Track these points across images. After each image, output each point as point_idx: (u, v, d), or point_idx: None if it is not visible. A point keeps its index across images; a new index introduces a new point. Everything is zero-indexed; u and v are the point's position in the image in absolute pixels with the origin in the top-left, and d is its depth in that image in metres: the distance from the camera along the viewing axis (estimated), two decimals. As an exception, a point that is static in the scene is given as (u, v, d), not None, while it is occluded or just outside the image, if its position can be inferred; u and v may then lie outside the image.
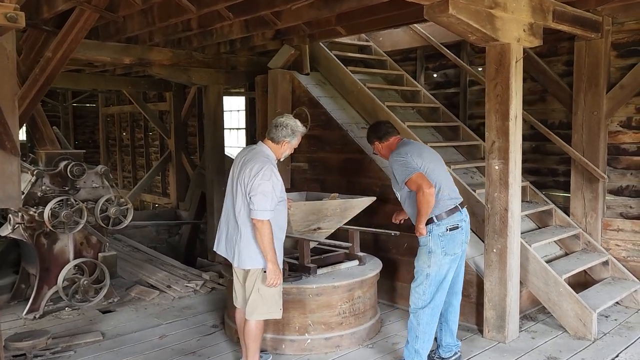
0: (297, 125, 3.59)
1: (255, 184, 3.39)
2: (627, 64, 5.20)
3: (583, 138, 5.35)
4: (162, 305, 5.38)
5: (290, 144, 3.61)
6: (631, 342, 4.29)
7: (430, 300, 3.64)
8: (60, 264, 5.13)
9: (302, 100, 6.02)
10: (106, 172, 5.37)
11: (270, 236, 3.40)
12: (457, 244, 3.69)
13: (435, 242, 3.63)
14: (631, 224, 5.22)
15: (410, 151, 3.73)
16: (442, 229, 3.63)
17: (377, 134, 3.95)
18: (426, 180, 3.54)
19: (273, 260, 3.41)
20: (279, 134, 3.55)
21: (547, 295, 4.55)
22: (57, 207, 4.85)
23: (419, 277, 3.70)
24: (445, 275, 3.68)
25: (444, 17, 3.64)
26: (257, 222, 3.39)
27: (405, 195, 3.77)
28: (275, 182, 3.43)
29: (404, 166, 3.65)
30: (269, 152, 3.57)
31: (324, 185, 5.79)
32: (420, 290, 3.68)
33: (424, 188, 3.51)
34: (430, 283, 3.64)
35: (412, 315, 3.71)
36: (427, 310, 3.65)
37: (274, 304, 3.59)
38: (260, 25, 5.39)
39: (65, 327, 4.75)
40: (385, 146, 3.92)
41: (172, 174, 10.64)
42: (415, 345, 3.66)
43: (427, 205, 3.53)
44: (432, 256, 3.64)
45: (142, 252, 7.19)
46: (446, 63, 6.59)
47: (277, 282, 3.46)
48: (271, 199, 3.39)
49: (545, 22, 4.36)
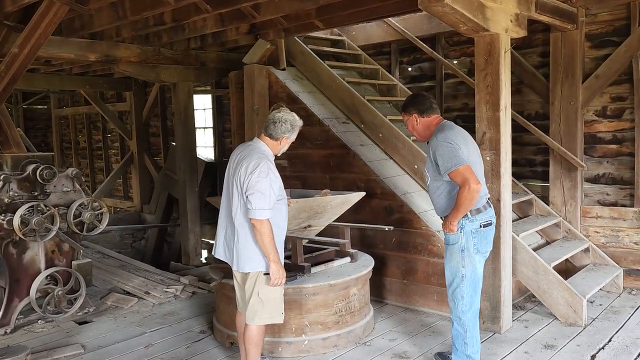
0: (295, 120, 3.43)
1: (252, 182, 3.22)
2: (600, 55, 5.32)
3: (561, 128, 5.45)
4: (143, 312, 5.13)
5: (289, 139, 3.45)
6: (620, 326, 4.38)
7: (471, 304, 3.45)
8: (31, 274, 4.81)
9: (280, 96, 5.88)
10: (78, 174, 5.06)
11: (271, 236, 3.25)
12: (489, 241, 3.50)
13: (467, 239, 3.39)
14: (609, 210, 5.35)
15: (457, 137, 3.37)
16: (475, 225, 3.39)
17: (420, 106, 3.52)
18: (474, 176, 3.24)
19: (276, 260, 3.27)
20: (277, 130, 3.37)
21: (537, 284, 4.60)
22: (27, 214, 4.54)
23: (455, 280, 3.47)
24: (480, 276, 3.50)
25: (439, 6, 3.59)
26: (255, 222, 3.23)
27: (440, 184, 3.43)
28: (273, 179, 3.27)
29: (452, 153, 3.27)
30: (266, 149, 3.41)
31: (305, 182, 5.67)
32: (459, 294, 3.45)
33: (472, 184, 3.20)
34: (467, 284, 3.42)
35: (456, 322, 3.49)
36: (469, 315, 3.46)
37: (275, 307, 3.44)
38: (237, 19, 5.22)
39: (42, 341, 4.45)
40: (425, 122, 3.52)
41: (134, 177, 10.29)
42: (466, 352, 3.48)
43: (469, 203, 3.26)
44: (465, 255, 3.40)
45: (113, 258, 6.88)
46: (420, 57, 6.59)
47: (282, 282, 3.32)
48: (269, 197, 3.23)
49: (529, 12, 4.39)
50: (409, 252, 4.93)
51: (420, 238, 4.84)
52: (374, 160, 5.25)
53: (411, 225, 4.89)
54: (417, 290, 4.91)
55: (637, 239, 5.21)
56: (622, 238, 5.29)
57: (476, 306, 3.51)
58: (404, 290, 5.01)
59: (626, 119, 5.26)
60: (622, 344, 4.05)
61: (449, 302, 3.56)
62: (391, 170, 5.25)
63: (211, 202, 4.93)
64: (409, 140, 5.24)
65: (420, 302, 4.90)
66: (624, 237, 5.28)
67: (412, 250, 4.91)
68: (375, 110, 5.48)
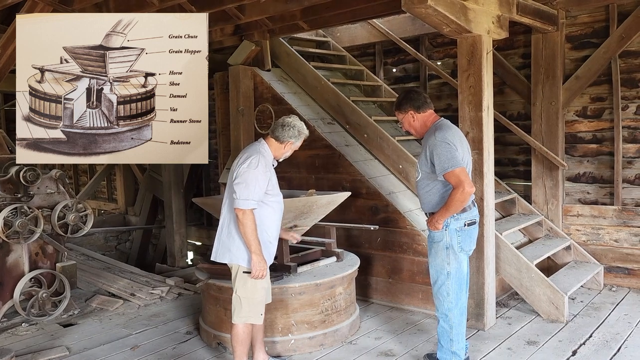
0: (303, 128, 3.50)
1: (239, 172, 3.30)
2: (580, 56, 5.43)
3: (542, 128, 5.53)
4: (128, 314, 5.11)
5: (294, 145, 3.52)
6: (601, 322, 4.46)
7: (457, 301, 3.48)
8: (14, 277, 4.77)
9: (265, 97, 5.90)
10: (62, 176, 5.03)
11: (253, 227, 3.27)
12: (472, 239, 3.53)
13: (452, 237, 3.41)
14: (589, 209, 5.44)
15: (455, 138, 3.37)
16: (460, 224, 3.41)
17: (415, 102, 3.49)
18: (469, 179, 3.28)
19: (257, 252, 3.30)
20: (285, 134, 3.44)
21: (520, 282, 4.67)
22: (10, 216, 4.51)
23: (440, 278, 3.48)
24: (465, 273, 3.53)
25: (422, 8, 3.64)
26: (238, 212, 3.26)
27: (433, 182, 3.44)
28: (261, 172, 3.31)
29: (450, 154, 3.27)
30: (266, 148, 3.46)
31: (291, 183, 5.70)
32: (444, 291, 3.47)
33: (466, 187, 3.23)
34: (452, 282, 3.44)
35: (442, 320, 3.51)
36: (455, 311, 3.48)
37: (253, 308, 3.45)
38: (222, 20, 5.24)
39: (26, 344, 4.42)
40: (422, 118, 3.50)
41: (119, 178, 10.19)
42: (452, 348, 3.50)
43: (460, 205, 3.29)
44: (450, 252, 3.43)
45: (98, 260, 6.83)
46: (404, 58, 6.65)
47: (263, 274, 3.34)
48: (254, 188, 3.27)
49: (510, 14, 4.47)
50: (395, 251, 4.97)
51: (406, 237, 4.89)
52: (359, 161, 5.29)
53: (396, 225, 4.94)
54: (403, 289, 4.96)
55: (617, 237, 5.31)
56: (603, 236, 5.39)
57: (463, 303, 3.54)
58: (389, 289, 5.06)
59: (606, 119, 5.37)
60: (603, 339, 4.13)
61: (434, 299, 3.60)
62: (376, 170, 5.30)
63: (197, 203, 4.93)
64: (393, 141, 5.29)
65: (406, 301, 4.95)
66: (604, 235, 5.38)
67: (398, 249, 4.95)
68: (360, 111, 5.53)
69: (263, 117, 5.93)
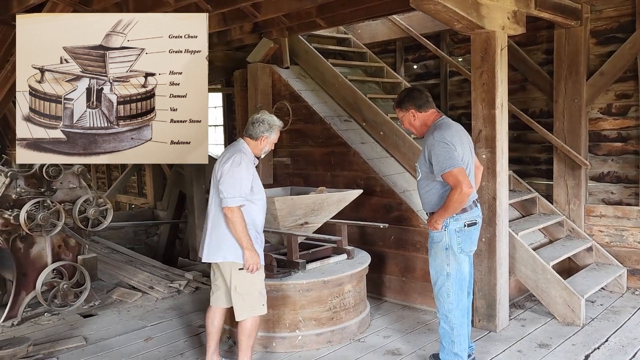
0: (273, 120, 3.53)
1: (223, 171, 3.36)
2: (605, 51, 5.26)
3: (564, 126, 5.39)
4: (146, 307, 5.24)
5: (270, 139, 3.55)
6: (619, 326, 4.33)
7: (458, 302, 3.43)
8: (38, 268, 4.95)
9: (283, 94, 5.94)
10: (83, 172, 5.19)
11: (243, 223, 3.33)
12: (473, 241, 3.46)
13: (451, 237, 3.36)
14: (613, 209, 5.28)
15: (454, 137, 3.30)
16: (460, 224, 3.35)
17: (416, 101, 3.45)
18: (467, 179, 3.21)
19: (249, 247, 3.35)
20: (256, 130, 3.50)
21: (535, 283, 4.57)
22: (33, 210, 4.67)
23: (440, 278, 3.45)
24: (466, 274, 3.47)
25: (430, 4, 3.60)
26: (227, 211, 3.32)
27: (432, 182, 3.39)
28: (245, 169, 3.36)
29: (448, 155, 3.22)
30: (246, 147, 3.51)
31: (308, 180, 5.72)
32: (444, 292, 3.43)
33: (464, 187, 3.17)
34: (452, 282, 3.40)
35: (443, 321, 3.48)
36: (456, 312, 3.43)
37: (256, 300, 3.51)
38: (239, 18, 5.28)
39: (46, 333, 4.59)
40: (422, 117, 3.46)
41: (148, 174, 10.43)
42: (454, 350, 3.47)
43: (459, 206, 3.24)
44: (450, 253, 3.38)
45: (121, 253, 7.01)
46: (425, 54, 6.58)
47: (257, 268, 3.39)
48: (239, 185, 3.32)
49: (528, 9, 4.36)
50: (408, 249, 4.94)
51: (419, 236, 4.84)
52: (374, 158, 5.27)
53: (410, 223, 4.90)
54: (416, 288, 4.92)
55: (641, 239, 5.14)
56: (627, 237, 5.22)
57: (463, 304, 3.49)
58: (402, 288, 5.03)
59: (631, 117, 5.19)
60: (619, 344, 4.01)
61: (435, 300, 3.56)
62: (391, 168, 5.27)
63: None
64: (409, 138, 5.24)
65: (419, 300, 4.91)
66: (628, 237, 5.21)
67: (411, 247, 4.92)
68: (376, 108, 5.50)
69: (281, 114, 5.95)
